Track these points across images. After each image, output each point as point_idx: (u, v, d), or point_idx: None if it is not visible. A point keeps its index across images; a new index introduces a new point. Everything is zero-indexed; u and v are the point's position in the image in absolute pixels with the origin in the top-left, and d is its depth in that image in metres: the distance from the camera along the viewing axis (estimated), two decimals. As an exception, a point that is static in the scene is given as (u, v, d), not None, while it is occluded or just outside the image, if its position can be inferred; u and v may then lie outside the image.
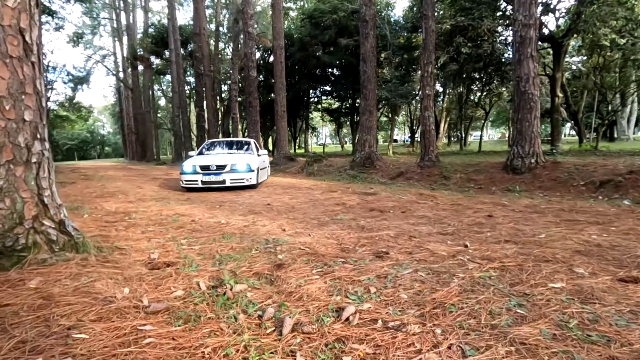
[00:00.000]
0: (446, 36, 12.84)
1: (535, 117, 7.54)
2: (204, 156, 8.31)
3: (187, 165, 7.54)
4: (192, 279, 2.33)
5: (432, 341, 1.58)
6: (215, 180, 7.40)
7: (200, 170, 7.42)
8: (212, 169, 7.46)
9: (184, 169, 7.49)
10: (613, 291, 2.07)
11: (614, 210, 4.69)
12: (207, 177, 7.35)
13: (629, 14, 10.54)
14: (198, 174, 7.36)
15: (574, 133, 27.72)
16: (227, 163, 7.57)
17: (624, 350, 1.48)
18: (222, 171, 7.48)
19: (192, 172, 7.42)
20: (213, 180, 7.39)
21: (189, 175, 7.39)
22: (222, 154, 8.72)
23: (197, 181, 7.34)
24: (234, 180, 7.49)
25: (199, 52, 19.70)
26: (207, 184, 7.37)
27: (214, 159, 7.79)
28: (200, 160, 7.75)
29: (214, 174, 7.40)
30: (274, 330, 1.70)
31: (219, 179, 7.41)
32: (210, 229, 3.90)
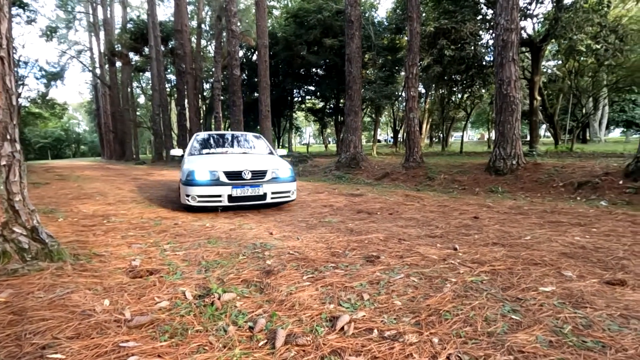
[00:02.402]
0: (430, 38, 13.01)
1: (517, 119, 7.71)
2: (213, 157, 5.58)
3: (199, 171, 4.75)
4: (177, 288, 2.22)
5: (431, 351, 1.54)
6: (253, 195, 4.84)
7: (226, 178, 4.75)
8: (245, 176, 4.82)
9: (194, 178, 4.71)
10: (602, 294, 2.10)
11: (593, 211, 4.83)
12: (240, 190, 4.75)
13: (602, 20, 10.95)
14: (222, 185, 4.73)
15: (549, 135, 28.68)
16: (266, 168, 5.05)
17: (619, 357, 1.48)
18: (261, 180, 4.93)
19: (211, 181, 4.73)
20: (249, 195, 4.82)
21: (206, 188, 4.68)
22: (238, 154, 5.97)
23: (222, 196, 4.71)
24: (276, 195, 5.04)
25: (181, 49, 19.26)
26: (238, 200, 4.78)
27: (241, 161, 5.17)
28: (216, 162, 5.08)
29: (250, 185, 4.81)
30: (267, 342, 1.63)
31: (257, 193, 4.86)
32: (195, 233, 3.77)
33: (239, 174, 4.86)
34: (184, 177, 4.83)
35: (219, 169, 4.84)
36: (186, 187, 4.77)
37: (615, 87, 17.28)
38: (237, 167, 4.94)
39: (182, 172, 5.03)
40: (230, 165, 4.97)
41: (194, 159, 5.42)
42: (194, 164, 5.04)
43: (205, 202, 4.74)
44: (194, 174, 4.76)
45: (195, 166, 4.90)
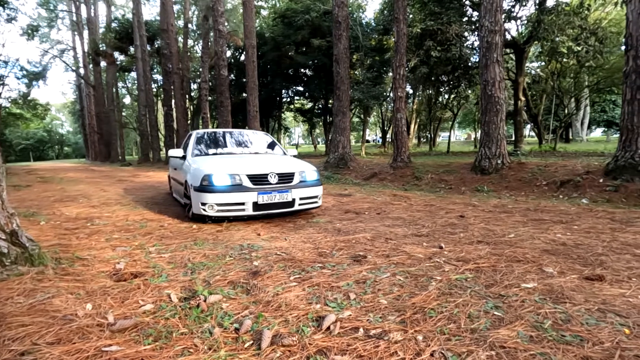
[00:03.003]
0: (417, 39, 13.14)
1: (501, 119, 7.85)
2: (226, 158, 4.92)
3: (218, 175, 4.05)
4: (162, 291, 2.20)
5: (415, 349, 1.57)
6: (280, 202, 4.20)
7: (250, 183, 4.09)
8: (271, 180, 4.20)
9: (213, 182, 4.00)
10: (581, 290, 2.16)
11: (575, 209, 4.95)
12: (266, 197, 4.09)
13: (583, 23, 11.25)
14: (246, 191, 4.03)
15: (533, 134, 29.30)
16: (293, 170, 4.46)
17: (596, 350, 1.53)
18: (288, 184, 4.31)
19: (232, 187, 4.03)
20: (276, 202, 4.17)
21: (227, 195, 3.98)
22: (251, 155, 5.38)
23: (245, 204, 4.02)
24: (304, 201, 4.43)
25: (167, 49, 19.01)
26: (264, 208, 4.12)
27: (262, 163, 4.54)
28: (234, 164, 4.42)
29: (278, 190, 4.18)
30: (252, 344, 1.63)
31: (285, 199, 4.23)
32: (181, 235, 3.73)
33: (264, 177, 4.18)
34: (198, 181, 4.05)
35: (240, 172, 4.12)
36: (202, 194, 3.96)
37: (596, 88, 17.76)
38: (262, 169, 4.25)
39: (191, 175, 4.28)
40: (254, 168, 4.25)
41: (203, 160, 4.68)
42: (208, 165, 4.25)
43: (225, 212, 4.00)
44: (212, 178, 3.99)
45: (212, 169, 4.11)
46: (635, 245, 3.08)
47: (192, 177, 4.26)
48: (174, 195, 6.16)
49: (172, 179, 6.24)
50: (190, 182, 4.24)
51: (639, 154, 5.79)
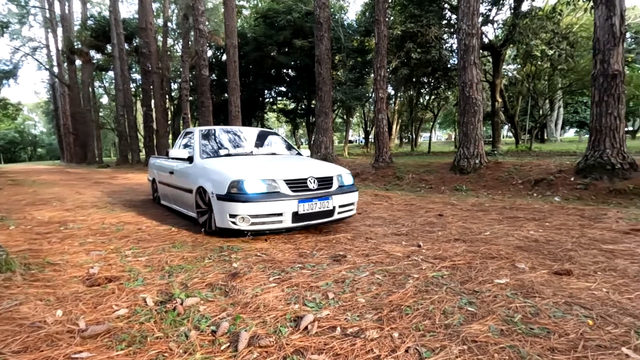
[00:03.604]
0: (397, 41, 13.33)
1: (479, 120, 8.06)
2: (248, 160, 4.22)
3: (251, 180, 3.41)
4: (137, 295, 2.15)
5: (390, 346, 1.59)
6: (321, 211, 3.61)
7: (288, 190, 3.48)
8: (311, 186, 3.63)
9: (245, 189, 3.36)
10: (550, 284, 2.24)
11: (548, 206, 5.14)
12: (307, 205, 3.49)
13: (555, 27, 11.69)
14: (284, 199, 3.39)
15: (511, 135, 30.20)
16: (331, 174, 3.93)
17: (562, 341, 1.60)
18: (328, 190, 3.75)
19: (268, 194, 3.39)
20: (317, 212, 3.57)
21: (263, 204, 3.32)
22: (272, 156, 4.74)
23: (284, 215, 3.38)
24: (342, 209, 3.86)
25: (146, 47, 18.60)
26: (304, 219, 3.51)
27: (296, 166, 3.95)
28: (264, 167, 3.82)
29: (318, 197, 3.59)
30: (229, 346, 1.62)
31: (326, 207, 3.64)
32: (160, 238, 3.66)
33: (303, 183, 3.59)
34: (224, 189, 3.38)
35: (276, 176, 3.50)
36: (230, 204, 3.31)
37: (568, 90, 18.47)
38: (299, 173, 3.66)
39: (210, 181, 3.61)
40: (290, 172, 3.65)
41: (222, 163, 3.95)
42: (235, 169, 3.58)
43: (261, 224, 3.34)
44: (244, 184, 3.34)
45: (242, 173, 3.46)
46: (602, 240, 3.22)
47: (213, 183, 3.57)
48: (162, 202, 5.56)
49: (163, 185, 5.36)
50: (211, 189, 3.54)
51: (607, 154, 6.06)
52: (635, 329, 1.68)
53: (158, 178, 5.68)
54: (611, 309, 1.88)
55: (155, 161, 6.04)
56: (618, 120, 6.04)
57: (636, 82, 18.20)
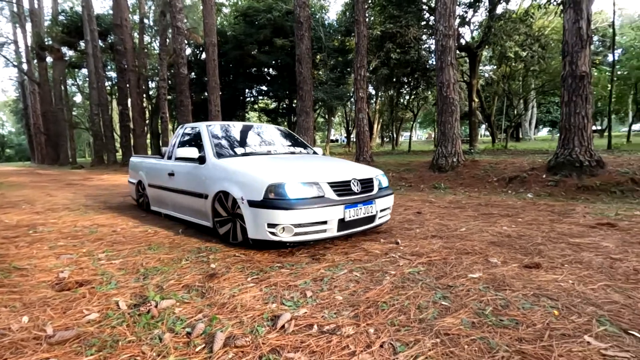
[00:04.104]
0: (377, 41, 13.48)
1: (456, 119, 8.25)
2: (274, 160, 3.84)
3: (292, 184, 2.95)
4: (110, 299, 2.10)
5: (366, 341, 1.61)
6: (365, 217, 3.25)
7: (334, 194, 3.06)
8: (355, 188, 3.26)
9: (286, 194, 2.91)
10: (520, 277, 2.33)
11: (520, 203, 5.32)
12: (353, 211, 3.11)
13: (528, 30, 12.10)
14: (330, 205, 2.97)
15: (488, 134, 31.08)
16: (371, 175, 3.58)
17: (529, 331, 1.66)
18: (371, 194, 3.39)
19: (312, 200, 2.95)
20: (361, 218, 3.21)
21: (307, 211, 2.88)
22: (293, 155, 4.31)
23: (329, 222, 2.98)
24: (382, 213, 3.53)
25: (121, 45, 18.07)
26: (349, 226, 3.12)
27: (332, 167, 3.64)
28: (307, 169, 3.45)
29: (363, 201, 3.23)
30: (204, 347, 1.60)
31: (370, 212, 3.30)
32: (135, 240, 3.57)
33: (347, 185, 3.20)
34: (260, 194, 2.92)
35: (319, 178, 3.09)
36: (269, 212, 2.85)
37: (541, 90, 19.17)
38: (342, 175, 3.28)
39: (239, 185, 3.12)
40: (332, 173, 3.27)
41: (247, 163, 3.49)
42: (270, 171, 3.15)
43: (304, 234, 2.92)
44: (285, 188, 2.89)
45: (281, 176, 3.01)
46: (570, 234, 3.37)
47: (242, 187, 3.09)
48: (153, 208, 4.91)
49: (156, 188, 4.72)
50: (239, 194, 3.07)
51: (575, 152, 6.33)
52: (597, 317, 1.77)
53: (148, 181, 4.98)
54: (576, 299, 1.97)
55: (143, 161, 5.37)
56: (586, 119, 6.31)
57: (603, 84, 19.08)
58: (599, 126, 32.21)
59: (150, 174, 4.96)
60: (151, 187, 4.91)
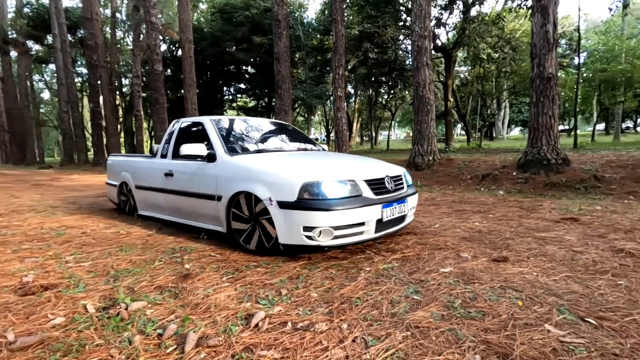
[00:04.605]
0: (355, 41, 13.59)
1: (432, 119, 8.44)
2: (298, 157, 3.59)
3: (329, 183, 2.69)
4: (77, 302, 2.03)
5: (339, 337, 1.64)
6: (398, 217, 3.07)
7: (371, 193, 2.85)
8: (389, 186, 3.08)
9: (324, 193, 2.65)
10: (488, 270, 2.42)
11: (492, 199, 5.51)
12: (390, 211, 2.92)
13: (500, 32, 12.52)
14: (368, 204, 2.74)
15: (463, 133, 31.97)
16: (400, 172, 3.43)
17: (494, 322, 1.73)
18: (402, 192, 3.24)
19: (349, 200, 2.70)
20: (396, 218, 3.03)
21: (346, 212, 2.62)
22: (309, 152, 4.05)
23: (366, 224, 2.74)
24: (410, 212, 3.37)
25: (92, 40, 17.38)
26: (385, 227, 2.92)
27: (364, 164, 3.40)
28: (341, 165, 3.28)
29: (398, 200, 3.05)
30: (176, 348, 1.58)
31: (402, 212, 3.12)
32: (106, 241, 3.46)
33: (382, 183, 3.01)
34: (293, 193, 2.64)
35: (355, 176, 2.87)
36: (305, 214, 2.59)
37: (513, 91, 19.86)
38: (376, 172, 3.08)
39: (266, 184, 2.81)
40: (366, 170, 3.06)
41: (270, 160, 3.23)
42: (301, 168, 2.92)
43: (344, 237, 2.68)
44: (322, 187, 2.65)
45: (316, 173, 2.77)
46: (536, 229, 3.52)
47: (270, 187, 2.78)
48: (143, 212, 4.49)
49: (148, 191, 4.29)
50: (266, 195, 2.76)
51: (543, 150, 6.61)
52: (557, 307, 1.86)
53: (136, 182, 4.54)
54: (539, 290, 2.07)
55: (128, 161, 4.89)
56: (552, 119, 6.60)
57: (570, 85, 19.99)
58: (566, 126, 33.74)
59: (139, 174, 4.49)
60: (140, 189, 4.45)
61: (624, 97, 19.09)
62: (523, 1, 10.86)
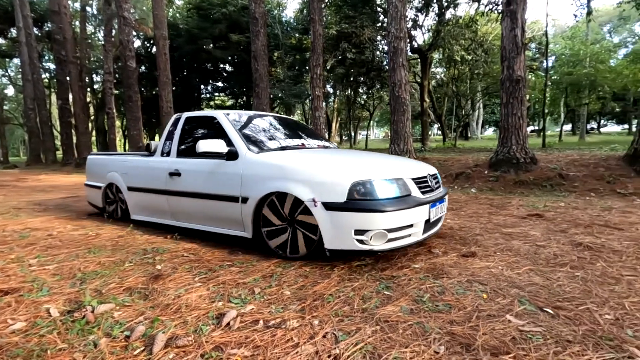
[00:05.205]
0: (333, 41, 13.66)
1: (408, 119, 8.61)
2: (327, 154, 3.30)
3: (380, 182, 2.51)
4: (40, 306, 1.95)
5: (310, 333, 1.66)
6: (439, 217, 2.97)
7: (419, 192, 2.70)
8: (432, 185, 2.97)
9: (375, 193, 2.46)
10: (457, 265, 2.50)
11: (465, 197, 5.68)
12: (434, 210, 2.79)
13: (473, 35, 12.91)
14: (419, 204, 2.58)
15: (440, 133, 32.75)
16: (435, 171, 3.26)
17: (460, 314, 1.80)
18: (441, 192, 3.08)
19: (400, 200, 2.52)
20: (438, 218, 2.93)
21: (399, 213, 2.44)
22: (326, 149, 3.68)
23: (415, 226, 2.57)
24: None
25: (60, 34, 16.64)
26: (430, 227, 2.81)
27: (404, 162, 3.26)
28: (388, 163, 3.07)
29: (440, 199, 2.93)
30: (144, 350, 1.55)
31: (442, 212, 3.05)
32: (74, 243, 3.34)
33: (425, 181, 2.88)
34: (342, 193, 2.44)
35: (403, 174, 2.71)
36: (358, 216, 2.40)
37: (486, 92, 20.55)
38: (418, 170, 2.93)
39: (306, 184, 2.57)
40: (409, 168, 2.91)
41: (305, 157, 2.95)
42: (340, 165, 2.79)
43: (396, 240, 2.49)
44: (374, 186, 2.47)
45: (363, 171, 2.59)
46: (504, 225, 3.67)
47: (313, 187, 2.54)
48: (138, 217, 4.08)
49: (147, 193, 3.87)
50: (309, 195, 2.53)
51: (513, 150, 6.87)
52: (518, 298, 1.95)
53: (129, 183, 4.09)
54: (503, 283, 2.17)
55: (118, 159, 4.43)
56: (521, 120, 6.88)
57: (539, 87, 20.85)
58: (536, 126, 35.17)
59: (134, 174, 4.05)
60: (135, 190, 4.02)
61: (588, 100, 20.13)
62: (494, 6, 11.25)
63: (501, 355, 1.45)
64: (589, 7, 11.49)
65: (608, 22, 32.89)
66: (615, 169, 6.16)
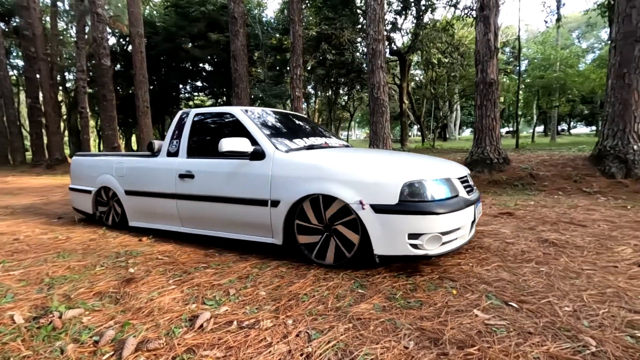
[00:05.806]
0: (314, 42, 13.70)
1: (387, 120, 8.73)
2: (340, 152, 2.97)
3: (432, 183, 2.35)
4: (3, 313, 1.88)
5: (283, 332, 1.67)
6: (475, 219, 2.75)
7: (465, 193, 2.58)
8: (472, 184, 2.96)
9: (427, 194, 2.31)
10: (430, 263, 2.57)
11: (441, 196, 5.82)
12: (477, 210, 2.72)
13: (449, 39, 13.24)
14: (468, 205, 2.49)
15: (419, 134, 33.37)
16: (468, 170, 3.17)
17: (430, 310, 1.86)
18: (475, 193, 2.92)
19: (451, 201, 2.39)
20: (475, 219, 2.73)
21: (453, 215, 2.31)
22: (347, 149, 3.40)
23: (463, 228, 2.44)
24: None
25: (29, 29, 15.94)
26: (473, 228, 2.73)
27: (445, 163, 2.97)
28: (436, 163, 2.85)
29: (479, 199, 2.88)
30: (113, 354, 1.52)
31: (480, 212, 2.97)
32: (42, 248, 3.22)
33: (467, 181, 2.80)
34: (394, 195, 2.27)
35: (449, 174, 2.58)
36: (411, 219, 2.24)
37: (463, 94, 21.10)
38: (459, 169, 2.84)
39: (350, 186, 2.38)
40: (453, 168, 2.79)
41: (344, 157, 2.75)
42: (386, 165, 2.57)
43: (449, 243, 2.36)
44: (426, 187, 2.32)
45: (413, 171, 2.42)
46: (477, 224, 3.77)
47: (359, 188, 2.36)
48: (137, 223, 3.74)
49: (151, 197, 3.52)
50: (357, 197, 2.34)
51: (487, 150, 7.09)
52: (486, 293, 2.03)
53: (126, 187, 3.74)
54: (472, 279, 2.25)
55: (112, 160, 3.99)
56: (494, 121, 7.11)
57: (513, 90, 21.58)
58: (511, 128, 36.36)
59: (133, 177, 3.69)
60: (134, 195, 3.67)
61: (558, 102, 20.99)
62: (469, 11, 11.58)
63: (467, 348, 1.50)
64: (559, 14, 12.02)
65: (577, 28, 34.43)
66: (581, 169, 6.46)
